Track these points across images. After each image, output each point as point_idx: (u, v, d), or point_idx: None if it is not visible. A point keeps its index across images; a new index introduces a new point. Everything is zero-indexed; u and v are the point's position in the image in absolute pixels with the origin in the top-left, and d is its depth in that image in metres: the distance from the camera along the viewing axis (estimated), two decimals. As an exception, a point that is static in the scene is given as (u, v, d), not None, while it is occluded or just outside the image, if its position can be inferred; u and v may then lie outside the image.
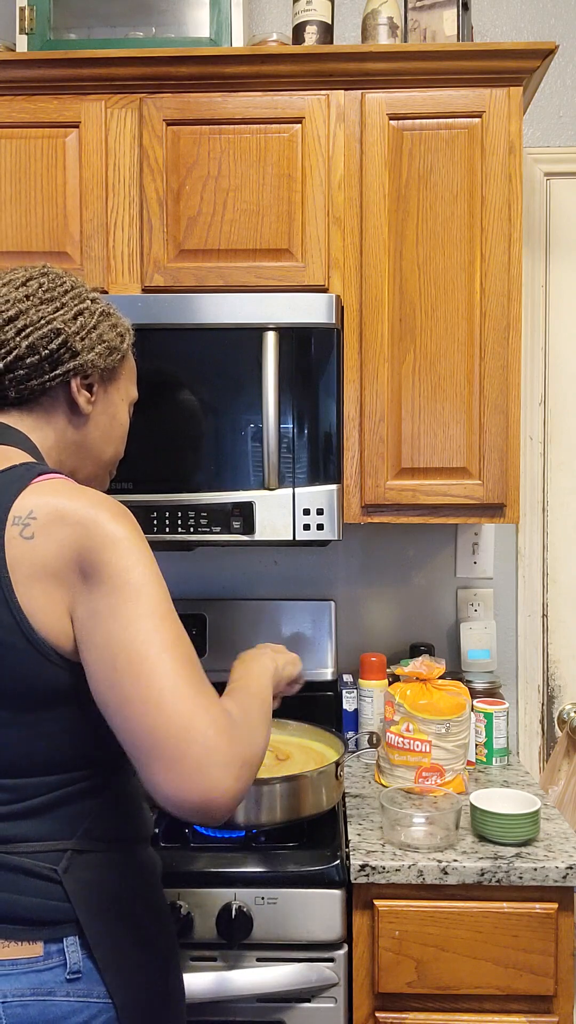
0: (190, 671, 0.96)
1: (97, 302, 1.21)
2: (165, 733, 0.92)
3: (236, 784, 0.94)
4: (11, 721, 1.03)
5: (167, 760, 0.92)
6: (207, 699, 0.95)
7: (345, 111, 1.81)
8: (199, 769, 0.92)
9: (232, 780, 0.93)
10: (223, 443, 1.74)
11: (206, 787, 0.92)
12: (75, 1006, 1.02)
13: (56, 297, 1.16)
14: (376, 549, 2.22)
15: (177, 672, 0.95)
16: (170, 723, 0.92)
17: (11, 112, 1.82)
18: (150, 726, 0.93)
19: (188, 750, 0.92)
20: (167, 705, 0.93)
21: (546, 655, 2.23)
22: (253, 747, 1.01)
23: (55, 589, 1.01)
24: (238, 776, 0.94)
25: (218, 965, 1.47)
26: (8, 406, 1.16)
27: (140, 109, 1.82)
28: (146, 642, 0.95)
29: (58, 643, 1.01)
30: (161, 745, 0.92)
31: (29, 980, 1.02)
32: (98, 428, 1.22)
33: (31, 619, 1.00)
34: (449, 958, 1.50)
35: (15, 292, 1.15)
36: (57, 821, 1.06)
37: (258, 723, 1.07)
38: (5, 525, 1.02)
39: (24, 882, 1.03)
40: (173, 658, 0.95)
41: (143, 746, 0.93)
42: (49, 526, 1.01)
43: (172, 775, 0.92)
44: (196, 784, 0.92)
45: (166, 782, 0.92)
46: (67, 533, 1.01)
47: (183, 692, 0.93)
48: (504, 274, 1.81)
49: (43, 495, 1.03)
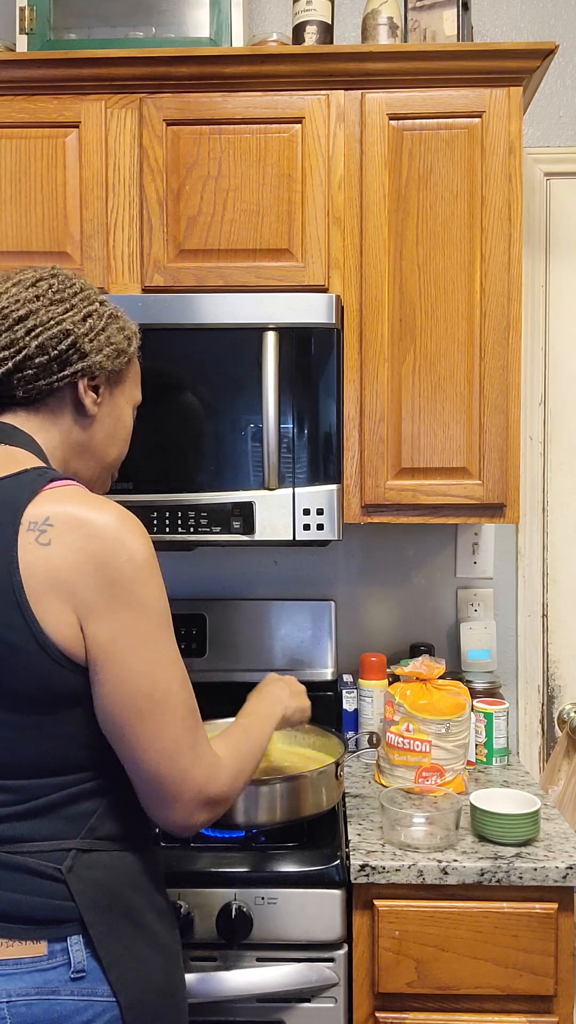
0: (193, 719, 1.08)
1: (106, 305, 1.22)
2: (168, 780, 1.06)
3: (210, 817, 1.11)
4: (20, 723, 1.04)
5: (164, 800, 1.07)
6: (203, 748, 1.09)
7: (345, 111, 1.81)
8: (185, 809, 1.07)
9: (207, 815, 1.10)
10: (223, 443, 1.74)
11: (187, 821, 1.09)
12: (79, 1005, 1.02)
13: (66, 298, 1.17)
14: (376, 549, 2.22)
15: (185, 722, 1.06)
16: (173, 773, 1.05)
17: (11, 112, 1.82)
18: (156, 772, 1.05)
19: (181, 795, 1.06)
20: (174, 758, 1.05)
21: (546, 655, 2.23)
22: (233, 787, 1.13)
23: (68, 596, 1.02)
24: (213, 811, 1.10)
25: (218, 965, 1.48)
26: (15, 406, 1.17)
27: (140, 109, 1.82)
28: (168, 692, 1.05)
29: (67, 648, 1.02)
30: (162, 788, 1.06)
31: (33, 979, 1.02)
32: (103, 429, 1.23)
33: (43, 624, 1.01)
34: (449, 958, 1.50)
35: (25, 292, 1.15)
36: (61, 821, 1.06)
37: (245, 765, 1.18)
38: (18, 529, 1.02)
39: (28, 881, 1.04)
40: (183, 707, 1.06)
41: (145, 783, 1.07)
42: (66, 534, 1.02)
43: (164, 811, 1.08)
44: (180, 818, 1.08)
45: (157, 812, 1.09)
46: (85, 544, 1.02)
47: (188, 744, 1.06)
48: (504, 274, 1.81)
49: (60, 502, 1.04)
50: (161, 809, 1.07)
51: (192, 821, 1.08)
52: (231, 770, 1.12)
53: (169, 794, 1.06)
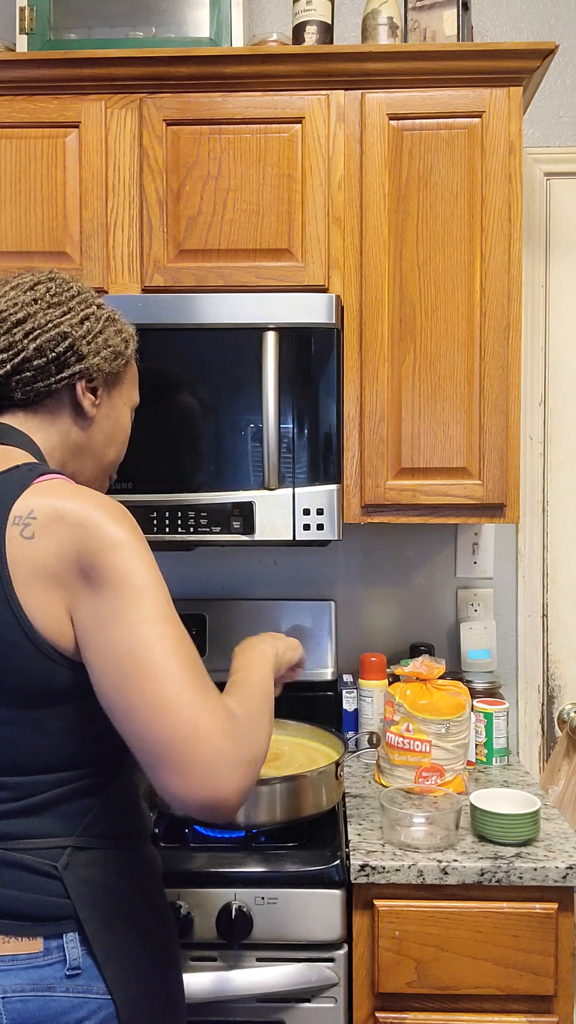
0: (194, 675, 0.97)
1: (103, 307, 1.23)
2: (173, 739, 0.94)
3: (242, 783, 0.96)
4: (12, 719, 1.04)
5: (176, 765, 0.94)
6: (212, 702, 0.97)
7: (345, 111, 1.81)
8: (207, 772, 0.94)
9: (239, 779, 0.96)
10: (223, 443, 1.74)
11: (214, 789, 0.94)
12: (74, 1002, 1.03)
13: (64, 301, 1.18)
14: (376, 549, 2.22)
15: (182, 677, 0.96)
16: (177, 729, 0.94)
17: (11, 112, 1.82)
18: (158, 733, 0.95)
19: (196, 755, 0.94)
20: (174, 712, 0.95)
21: (546, 655, 2.23)
22: (257, 745, 1.03)
23: (55, 589, 1.01)
24: (244, 775, 0.97)
25: (218, 965, 1.47)
26: (13, 407, 1.17)
27: (140, 109, 1.82)
28: (150, 647, 0.97)
29: (58, 642, 1.02)
30: (169, 751, 0.94)
31: (29, 976, 1.02)
32: (101, 431, 1.23)
33: (31, 618, 1.01)
34: (449, 958, 1.50)
35: (23, 296, 1.16)
36: (57, 818, 1.06)
37: (261, 719, 1.08)
38: (6, 524, 1.02)
39: (24, 878, 1.04)
40: (178, 662, 0.97)
41: (151, 752, 0.96)
42: (49, 526, 1.02)
43: (181, 779, 0.94)
44: (204, 787, 0.94)
45: (175, 785, 0.94)
46: (67, 534, 1.01)
47: (189, 697, 0.95)
48: (504, 274, 1.81)
49: (44, 496, 1.04)
50: (175, 780, 0.94)
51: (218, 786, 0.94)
52: (249, 725, 1.02)
53: (178, 756, 0.93)
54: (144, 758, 0.97)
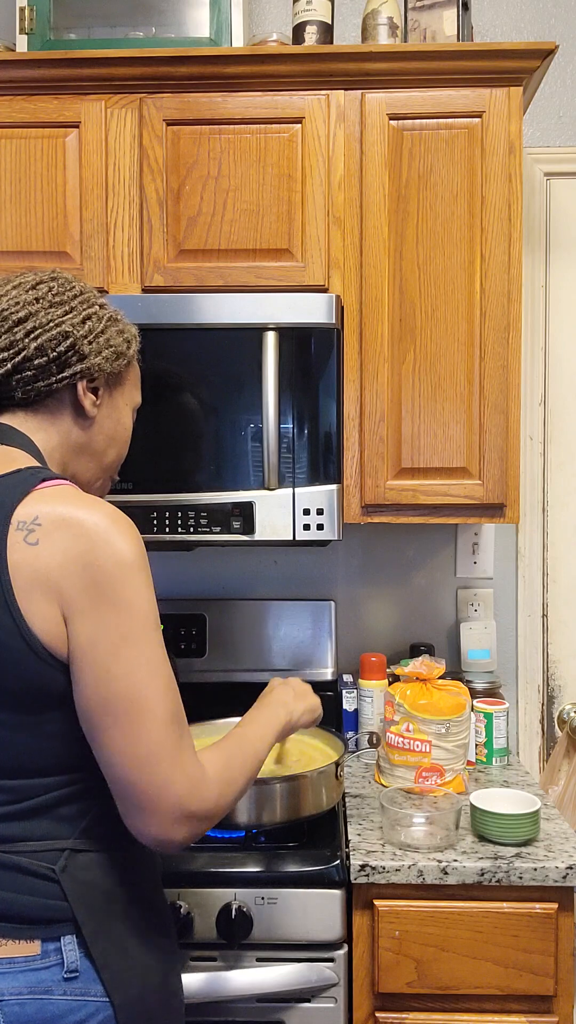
0: (177, 725, 1.03)
1: (105, 307, 1.23)
2: (144, 789, 1.01)
3: (191, 833, 1.03)
4: (11, 723, 1.04)
5: (140, 808, 1.02)
6: (185, 758, 1.03)
7: (345, 111, 1.81)
8: (163, 821, 1.01)
9: (187, 831, 1.03)
10: (223, 443, 1.74)
11: (164, 834, 1.02)
12: (72, 1005, 1.03)
13: (66, 301, 1.17)
14: (376, 549, 2.22)
15: (166, 728, 1.01)
16: (150, 781, 1.01)
17: (11, 112, 1.82)
18: (133, 780, 1.01)
19: (159, 806, 1.01)
20: (153, 764, 1.01)
21: (546, 655, 2.23)
22: (220, 802, 1.07)
23: (55, 595, 1.01)
24: (195, 827, 1.04)
25: (218, 965, 1.48)
26: (14, 407, 1.17)
27: (140, 109, 1.82)
28: (143, 695, 1.01)
29: (56, 647, 1.02)
30: (138, 796, 1.01)
31: (27, 978, 1.02)
32: (102, 432, 1.23)
33: (30, 623, 1.01)
34: (449, 958, 1.50)
35: (25, 295, 1.16)
36: (55, 821, 1.06)
37: (236, 777, 1.11)
38: (8, 529, 1.02)
39: (22, 881, 1.04)
40: (164, 712, 1.02)
41: (121, 790, 1.02)
42: (54, 533, 1.02)
43: (140, 819, 1.02)
44: (157, 830, 1.02)
45: (133, 820, 1.03)
46: (73, 544, 1.01)
47: (168, 752, 1.01)
48: (504, 274, 1.81)
49: (50, 502, 1.04)
50: (137, 820, 1.02)
51: (170, 836, 1.02)
52: (217, 784, 1.06)
53: (145, 805, 1.01)
54: (113, 788, 1.03)
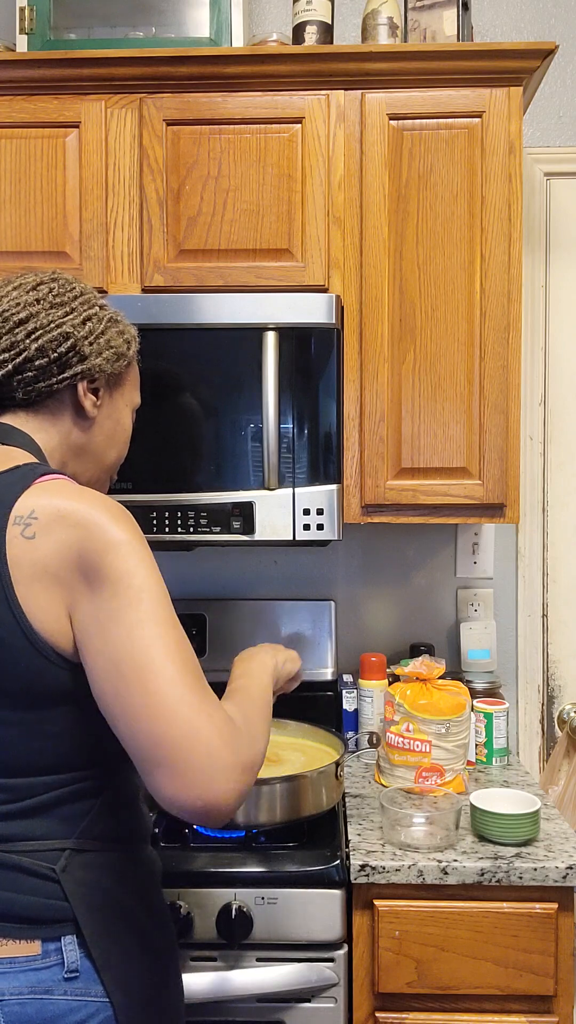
0: (193, 678, 0.97)
1: (106, 308, 1.23)
2: (171, 742, 0.94)
3: (238, 788, 0.96)
4: (11, 720, 1.04)
5: (172, 768, 0.94)
6: (210, 706, 0.97)
7: (345, 111, 1.81)
8: (203, 777, 0.93)
9: (234, 785, 0.95)
10: (223, 443, 1.74)
11: (210, 794, 0.94)
12: (72, 1005, 1.02)
13: (66, 302, 1.18)
14: (376, 549, 2.22)
15: (181, 680, 0.96)
16: (175, 733, 0.94)
17: (11, 112, 1.82)
18: (156, 735, 0.94)
19: (193, 759, 0.93)
20: (172, 715, 0.94)
21: (546, 655, 2.23)
22: (254, 752, 1.02)
23: (55, 589, 1.01)
24: (240, 781, 0.96)
25: (218, 965, 1.47)
26: (15, 407, 1.17)
27: (140, 109, 1.82)
28: (149, 649, 0.96)
29: (57, 643, 1.02)
30: (166, 754, 0.94)
31: (27, 978, 1.02)
32: (102, 432, 1.23)
33: (31, 618, 1.01)
34: (449, 958, 1.50)
35: (26, 296, 1.16)
36: (56, 820, 1.06)
37: (259, 726, 1.08)
38: (7, 524, 1.02)
39: (23, 881, 1.04)
40: (176, 665, 0.97)
41: (148, 754, 0.95)
42: (50, 526, 1.02)
43: (177, 782, 0.94)
44: (200, 791, 0.94)
45: (171, 789, 0.94)
46: (68, 534, 1.01)
47: (187, 700, 0.95)
48: (504, 274, 1.81)
49: (45, 496, 1.04)
50: (176, 786, 0.93)
51: (216, 793, 0.93)
52: (246, 731, 1.02)
53: (175, 759, 0.93)
54: (140, 761, 0.97)
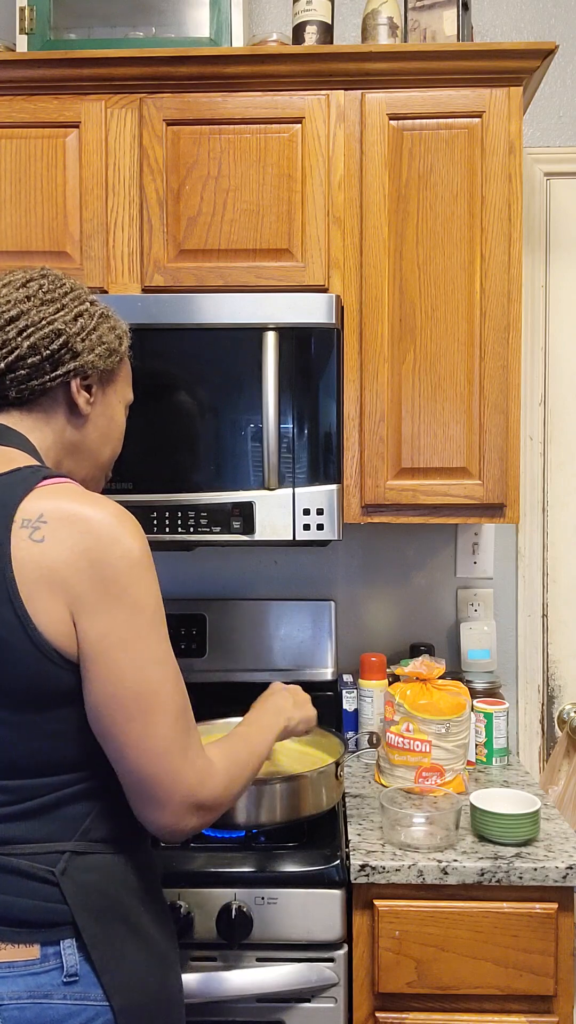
0: (185, 720, 1.07)
1: (96, 304, 1.22)
2: (157, 781, 1.04)
3: (200, 822, 1.08)
4: (13, 721, 1.04)
5: (153, 801, 1.05)
6: (194, 751, 1.07)
7: (345, 111, 1.81)
8: (175, 812, 1.06)
9: (197, 820, 1.08)
10: (223, 443, 1.74)
11: (176, 824, 1.06)
12: (72, 1009, 1.02)
13: (57, 298, 1.17)
14: (376, 549, 2.22)
15: (175, 723, 1.05)
16: (163, 773, 1.04)
17: (11, 112, 1.82)
18: (145, 772, 1.04)
19: (171, 798, 1.05)
20: (164, 758, 1.04)
21: (546, 655, 2.23)
22: (226, 795, 1.11)
23: (61, 593, 1.01)
24: (203, 817, 1.08)
25: (218, 965, 1.48)
26: (8, 406, 1.17)
27: (140, 109, 1.82)
28: (155, 690, 1.04)
29: (60, 645, 1.02)
30: (150, 789, 1.05)
31: (26, 982, 1.02)
32: (96, 429, 1.23)
33: (35, 620, 1.01)
34: (449, 958, 1.50)
35: (16, 293, 1.16)
36: (55, 823, 1.06)
37: (241, 773, 1.16)
38: (11, 527, 1.02)
39: (21, 884, 1.03)
40: (174, 708, 1.05)
41: (134, 783, 1.06)
42: (60, 530, 1.02)
43: (154, 812, 1.06)
44: (170, 821, 1.06)
45: (145, 813, 1.07)
46: (78, 540, 1.01)
47: (179, 745, 1.05)
48: (504, 274, 1.81)
49: (53, 499, 1.04)
50: (149, 811, 1.06)
51: (181, 825, 1.06)
52: (224, 776, 1.11)
53: (158, 796, 1.04)
54: (125, 783, 1.06)
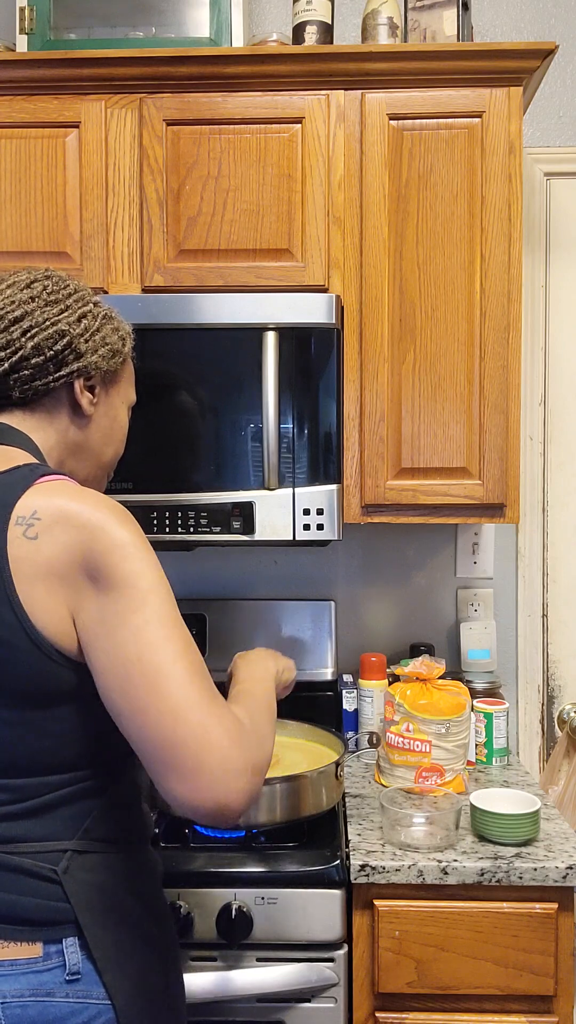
0: (201, 680, 0.98)
1: (100, 305, 1.23)
2: (183, 744, 0.94)
3: (249, 790, 0.96)
4: (13, 720, 1.04)
5: (184, 770, 0.94)
6: (220, 708, 0.97)
7: (345, 111, 1.81)
8: (215, 778, 0.94)
9: (246, 786, 0.96)
10: (223, 443, 1.74)
11: (222, 795, 0.94)
12: (74, 1007, 1.02)
13: (61, 299, 1.17)
14: (376, 549, 2.22)
15: (190, 682, 0.96)
16: (187, 735, 0.94)
17: (11, 112, 1.82)
18: (167, 737, 0.95)
19: (205, 761, 0.94)
20: (183, 717, 0.95)
21: (546, 655, 2.23)
22: (263, 753, 1.03)
23: (58, 590, 1.01)
24: (251, 782, 0.97)
25: (218, 965, 1.48)
26: (11, 406, 1.17)
27: (140, 109, 1.82)
28: (158, 652, 0.97)
29: (60, 643, 1.02)
30: (178, 756, 0.94)
31: (28, 981, 1.02)
32: (99, 429, 1.23)
33: (33, 618, 1.01)
34: (449, 958, 1.50)
35: (20, 294, 1.16)
36: (57, 821, 1.06)
37: (266, 729, 1.08)
38: (8, 524, 1.02)
39: (24, 882, 1.03)
40: (185, 667, 0.97)
41: (159, 756, 0.95)
42: (53, 527, 1.02)
43: (189, 784, 0.94)
44: (213, 792, 0.94)
45: (183, 790, 0.95)
46: (72, 535, 1.01)
47: (197, 702, 0.96)
48: (504, 274, 1.81)
49: (47, 496, 1.04)
50: (183, 785, 0.93)
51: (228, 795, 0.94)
52: (255, 733, 1.02)
53: (187, 762, 0.93)
54: (150, 763, 0.97)
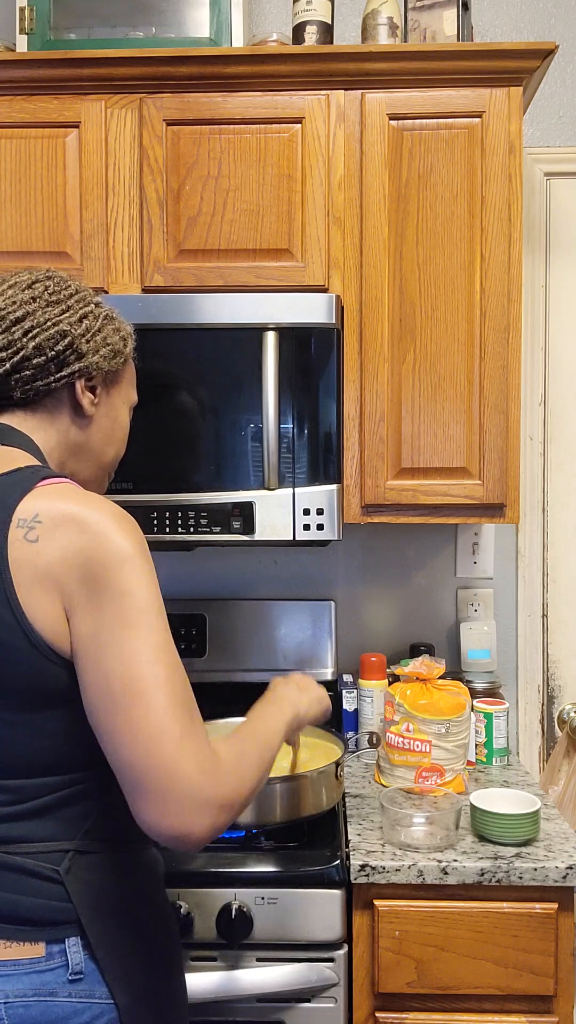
0: (182, 709, 0.99)
1: (101, 306, 1.23)
2: (152, 771, 0.96)
3: (213, 824, 0.98)
4: (14, 721, 1.04)
5: (150, 795, 0.96)
6: (196, 740, 0.98)
7: (345, 111, 1.81)
8: (180, 808, 0.96)
9: (209, 820, 0.97)
10: (223, 443, 1.74)
11: (184, 825, 0.96)
12: (77, 1007, 1.02)
13: (62, 300, 1.17)
14: (376, 549, 2.22)
15: (169, 710, 0.98)
16: (157, 764, 0.96)
17: (11, 112, 1.82)
18: (139, 762, 0.97)
19: (171, 790, 0.96)
20: (156, 746, 0.96)
21: (546, 655, 2.23)
22: (238, 792, 1.03)
23: (56, 593, 1.01)
24: (215, 816, 0.98)
25: (218, 965, 1.48)
26: (12, 407, 1.17)
27: (140, 109, 1.82)
28: (143, 677, 0.98)
29: (58, 644, 1.02)
30: (146, 781, 0.96)
31: (31, 980, 1.02)
32: (100, 430, 1.23)
33: (31, 620, 1.01)
34: (449, 958, 1.50)
35: (21, 294, 1.16)
36: (59, 822, 1.06)
37: (250, 770, 1.08)
38: (9, 526, 1.02)
39: (26, 882, 1.03)
40: (167, 694, 0.98)
41: (129, 777, 0.98)
42: (55, 530, 1.02)
43: (153, 809, 0.97)
44: (175, 820, 0.96)
45: (148, 813, 0.97)
46: (73, 540, 1.01)
47: (172, 733, 0.97)
48: (504, 274, 1.81)
49: (50, 499, 1.04)
50: (150, 810, 0.96)
51: (189, 827, 0.96)
52: (233, 773, 1.03)
53: (154, 789, 0.95)
54: (121, 780, 0.99)
